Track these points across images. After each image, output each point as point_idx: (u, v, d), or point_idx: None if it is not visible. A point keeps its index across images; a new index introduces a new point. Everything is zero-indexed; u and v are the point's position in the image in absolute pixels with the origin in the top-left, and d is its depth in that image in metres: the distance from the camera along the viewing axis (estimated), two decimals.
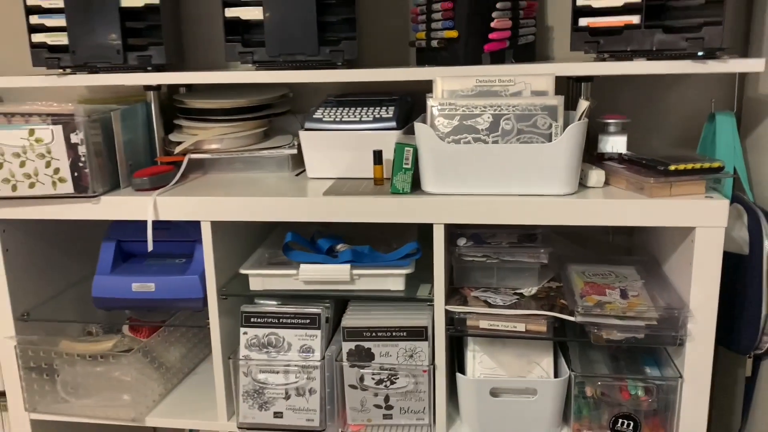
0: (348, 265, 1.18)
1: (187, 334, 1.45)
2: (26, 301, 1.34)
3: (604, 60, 1.19)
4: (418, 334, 1.19)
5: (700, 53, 1.11)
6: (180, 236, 1.30)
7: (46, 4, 1.27)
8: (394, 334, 1.19)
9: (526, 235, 1.23)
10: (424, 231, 1.22)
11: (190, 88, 1.50)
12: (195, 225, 1.22)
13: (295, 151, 1.37)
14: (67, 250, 1.46)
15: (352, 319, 1.21)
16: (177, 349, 1.42)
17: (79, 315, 1.44)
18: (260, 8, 1.23)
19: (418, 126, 1.14)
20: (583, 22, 1.18)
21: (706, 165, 1.09)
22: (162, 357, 1.37)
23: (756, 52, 1.32)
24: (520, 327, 1.15)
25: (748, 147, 1.34)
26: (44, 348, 1.30)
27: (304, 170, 1.35)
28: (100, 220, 1.23)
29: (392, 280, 1.19)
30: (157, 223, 1.22)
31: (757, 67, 1.11)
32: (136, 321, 1.44)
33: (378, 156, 1.23)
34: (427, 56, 1.38)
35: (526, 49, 1.37)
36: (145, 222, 1.22)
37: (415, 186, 1.17)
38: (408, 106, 1.38)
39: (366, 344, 1.20)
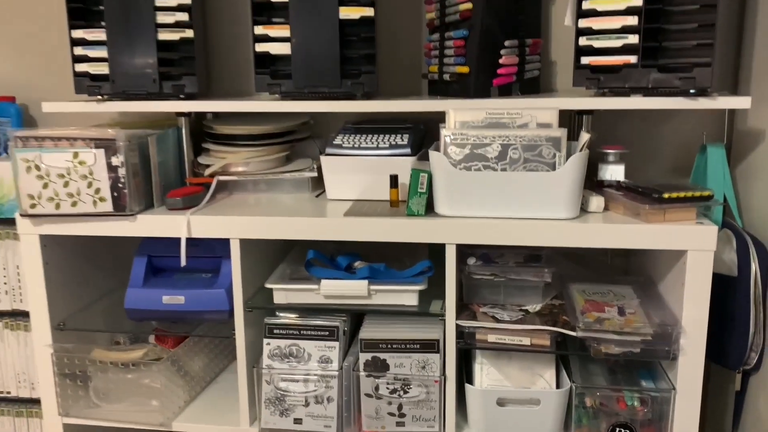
0: (366, 281, 1.27)
1: (209, 345, 1.54)
2: (62, 312, 1.42)
3: (604, 95, 1.29)
4: (431, 346, 1.28)
5: (691, 91, 1.21)
6: (207, 253, 1.39)
7: (90, 37, 1.37)
8: (407, 346, 1.28)
9: (532, 256, 1.32)
10: (434, 249, 1.32)
11: (216, 114, 1.60)
12: (221, 242, 1.32)
13: (315, 174, 1.46)
14: (97, 264, 1.55)
15: (369, 331, 1.30)
16: (200, 359, 1.51)
17: (107, 325, 1.52)
18: (288, 44, 1.33)
19: (432, 154, 1.24)
20: (585, 60, 1.28)
21: (697, 194, 1.18)
22: (187, 366, 1.45)
23: (744, 89, 1.42)
24: (526, 341, 1.24)
25: (738, 176, 1.44)
26: (79, 356, 1.39)
27: (323, 192, 1.45)
28: (130, 236, 1.32)
29: (407, 295, 1.28)
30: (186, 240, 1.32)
31: (744, 104, 1.21)
32: (162, 331, 1.53)
33: (394, 180, 1.33)
34: (439, 88, 1.48)
35: (532, 83, 1.47)
36: (173, 239, 1.32)
37: (429, 209, 1.26)
38: (421, 133, 1.48)
39: (381, 355, 1.29)
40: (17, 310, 1.67)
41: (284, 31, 1.33)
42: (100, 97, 1.41)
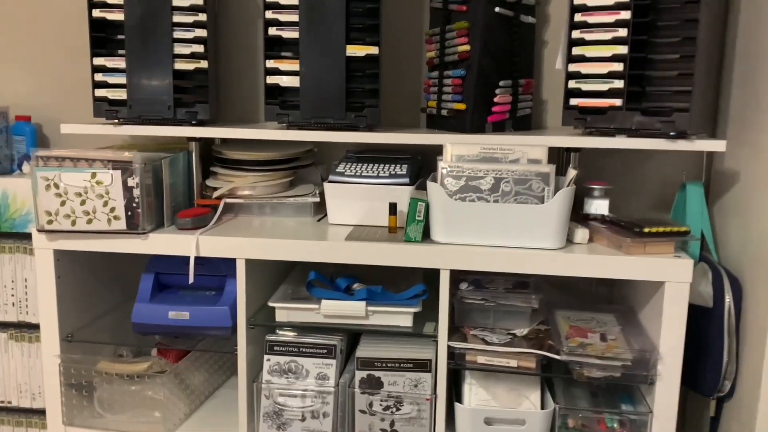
0: (364, 303, 1.35)
1: (210, 360, 1.60)
2: (71, 324, 1.48)
3: (590, 134, 1.39)
4: (423, 366, 1.35)
5: (671, 133, 1.31)
6: (212, 271, 1.46)
7: (110, 65, 1.46)
8: (401, 365, 1.35)
9: (520, 283, 1.40)
10: (428, 274, 1.40)
11: (224, 139, 1.68)
12: (226, 261, 1.39)
13: (317, 200, 1.54)
14: (104, 279, 1.62)
15: (365, 350, 1.37)
16: (201, 373, 1.57)
17: (111, 338, 1.58)
18: (297, 77, 1.42)
19: (430, 185, 1.32)
20: (574, 101, 1.38)
21: (675, 229, 1.27)
22: (189, 379, 1.52)
23: (722, 132, 1.52)
24: (513, 363, 1.32)
25: (715, 213, 1.53)
26: (86, 367, 1.45)
27: (325, 216, 1.53)
28: (137, 254, 1.39)
29: (402, 317, 1.36)
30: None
31: (719, 147, 1.31)
32: (164, 345, 1.59)
33: (393, 208, 1.41)
34: (437, 122, 1.57)
35: (524, 120, 1.57)
36: (180, 257, 1.39)
37: (425, 236, 1.34)
38: (419, 164, 1.57)
39: (376, 373, 1.36)
40: (23, 322, 1.73)
41: (294, 66, 1.42)
42: (116, 121, 1.49)
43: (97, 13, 1.44)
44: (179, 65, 1.46)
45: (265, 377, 1.40)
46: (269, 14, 1.41)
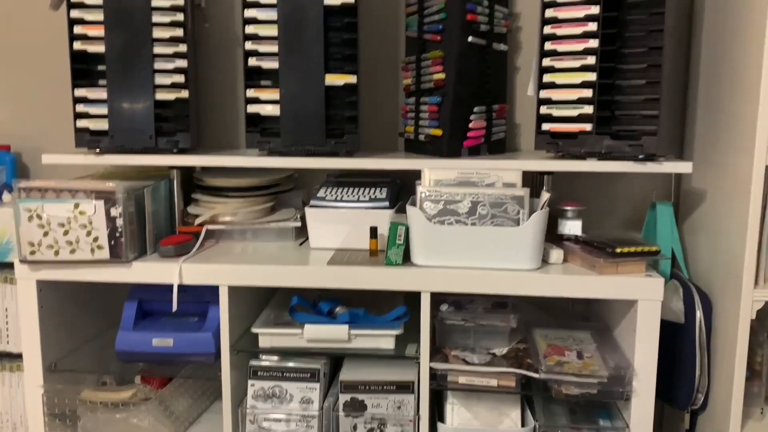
0: (346, 326, 1.37)
1: (194, 386, 1.60)
2: (54, 353, 1.49)
3: (562, 158, 1.43)
4: (406, 388, 1.37)
5: (640, 156, 1.36)
6: (195, 298, 1.46)
7: (91, 95, 1.48)
8: (385, 387, 1.37)
9: (499, 303, 1.44)
10: (408, 296, 1.43)
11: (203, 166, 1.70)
12: (209, 288, 1.40)
13: (299, 224, 1.57)
14: (87, 308, 1.62)
15: (348, 374, 1.39)
16: (185, 399, 1.57)
17: (94, 366, 1.58)
18: (277, 106, 1.45)
19: (410, 209, 1.35)
20: (546, 126, 1.43)
21: (646, 249, 1.32)
22: (173, 406, 1.52)
23: (688, 154, 1.58)
24: (493, 382, 1.35)
25: (685, 231, 1.59)
26: (69, 396, 1.45)
27: (306, 240, 1.55)
28: (119, 282, 1.40)
29: (384, 339, 1.38)
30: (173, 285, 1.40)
31: (686, 169, 1.37)
32: (148, 372, 1.59)
33: (374, 231, 1.44)
34: (415, 146, 1.61)
35: (498, 144, 1.61)
36: (162, 285, 1.40)
37: (406, 259, 1.38)
38: (398, 187, 1.60)
39: (360, 396, 1.38)
40: (3, 352, 1.71)
41: (274, 94, 1.45)
42: (98, 150, 1.50)
43: (78, 45, 1.46)
44: (160, 95, 1.48)
45: (249, 402, 1.41)
46: (249, 45, 1.44)
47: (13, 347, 1.71)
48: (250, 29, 1.43)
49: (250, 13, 1.43)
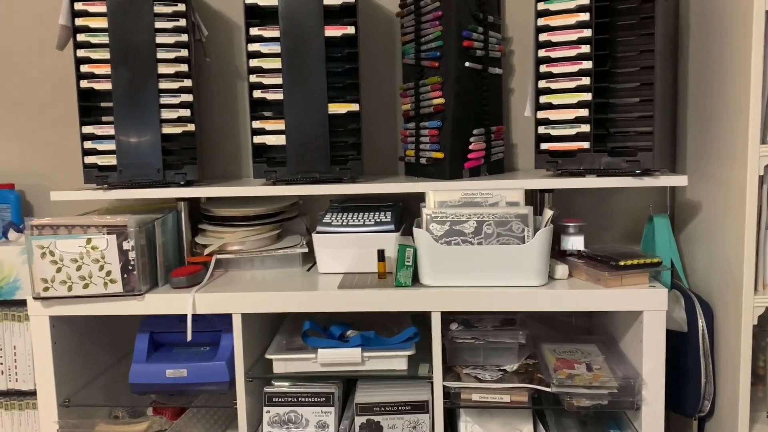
0: (359, 349, 1.39)
1: (206, 415, 1.61)
2: (67, 389, 1.49)
3: (561, 176, 1.48)
4: (420, 407, 1.39)
5: (637, 171, 1.40)
6: (206, 327, 1.48)
7: (99, 132, 1.50)
8: (399, 408, 1.39)
9: (507, 320, 1.47)
10: (415, 316, 1.45)
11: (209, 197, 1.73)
12: (220, 316, 1.42)
13: (306, 250, 1.60)
14: (98, 341, 1.63)
15: (363, 396, 1.41)
16: (199, 429, 1.57)
17: (106, 400, 1.59)
18: (282, 136, 1.49)
19: (417, 231, 1.39)
20: (545, 146, 1.47)
21: (648, 260, 1.36)
22: None
23: (681, 167, 1.64)
24: (506, 398, 1.37)
25: (682, 242, 1.63)
26: (85, 431, 1.45)
27: (313, 265, 1.58)
28: (130, 315, 1.42)
29: (397, 360, 1.40)
30: (183, 316, 1.42)
31: (682, 182, 1.41)
32: (160, 404, 1.60)
33: (381, 254, 1.47)
34: (416, 169, 1.65)
35: (497, 165, 1.66)
36: (172, 315, 1.42)
37: (414, 280, 1.40)
38: (401, 210, 1.63)
39: (376, 418, 1.39)
40: (12, 390, 1.72)
41: (278, 125, 1.49)
42: (106, 185, 1.52)
43: (85, 83, 1.49)
44: (167, 129, 1.51)
45: (265, 429, 1.42)
46: (253, 78, 1.48)
47: (22, 385, 1.71)
48: (254, 62, 1.47)
49: (253, 47, 1.47)
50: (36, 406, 1.70)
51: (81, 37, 1.48)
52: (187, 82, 1.51)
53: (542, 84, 1.45)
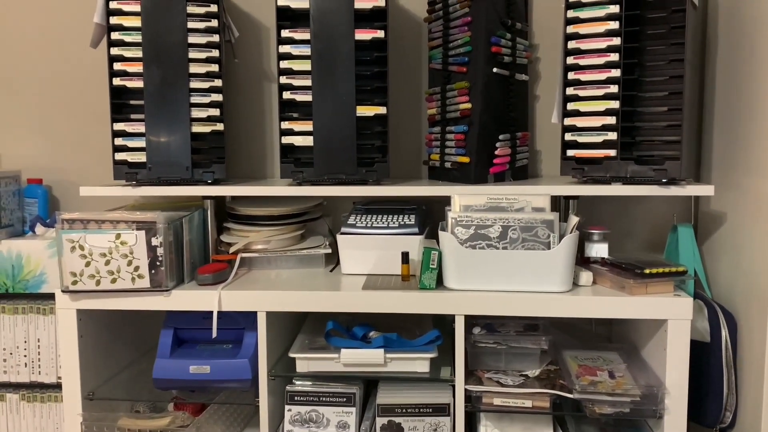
0: (382, 350, 1.40)
1: (227, 412, 1.62)
2: (92, 382, 1.51)
3: (588, 183, 1.48)
4: (442, 410, 1.40)
5: (663, 180, 1.41)
6: (229, 324, 1.49)
7: (129, 129, 1.52)
8: (421, 410, 1.40)
9: (530, 325, 1.47)
10: (436, 319, 1.45)
11: (235, 196, 1.74)
12: (243, 314, 1.44)
13: (329, 251, 1.61)
14: (122, 336, 1.65)
15: (385, 397, 1.42)
16: (219, 426, 1.59)
17: (127, 394, 1.61)
18: (309, 137, 1.50)
19: (442, 234, 1.39)
20: (571, 153, 1.48)
21: (674, 269, 1.36)
22: None
23: (706, 176, 1.63)
24: (528, 403, 1.37)
25: (705, 252, 1.63)
26: (108, 424, 1.47)
27: (336, 266, 1.59)
28: (153, 310, 1.43)
29: (419, 363, 1.41)
30: (207, 313, 1.43)
31: (709, 191, 1.41)
32: (181, 400, 1.61)
33: (405, 257, 1.48)
34: (440, 174, 1.66)
35: (522, 171, 1.66)
36: (196, 312, 1.43)
37: (439, 283, 1.41)
38: (424, 213, 1.64)
39: (397, 419, 1.40)
40: (35, 382, 1.74)
41: (306, 126, 1.50)
42: (135, 182, 1.54)
43: (117, 81, 1.51)
44: (196, 128, 1.53)
45: (287, 427, 1.43)
46: (283, 79, 1.49)
47: (44, 378, 1.73)
48: (284, 64, 1.49)
49: (284, 48, 1.48)
50: (58, 399, 1.72)
51: (115, 36, 1.50)
52: (218, 82, 1.53)
53: (570, 91, 1.46)
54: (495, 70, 1.53)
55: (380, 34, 1.48)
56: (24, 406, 1.75)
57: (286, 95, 1.50)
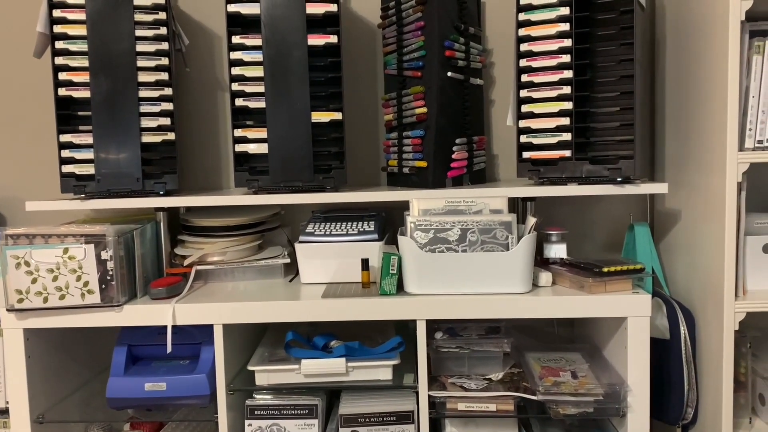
0: (343, 359, 1.37)
1: (186, 430, 1.57)
2: (41, 405, 1.44)
3: (543, 184, 1.48)
4: (406, 417, 1.37)
5: (618, 179, 1.42)
6: (186, 339, 1.45)
7: (77, 141, 1.47)
8: (385, 419, 1.37)
9: (492, 328, 1.46)
10: (398, 325, 1.43)
11: (188, 207, 1.70)
12: (200, 328, 1.39)
13: (288, 261, 1.58)
14: (74, 356, 1.58)
15: (348, 407, 1.39)
16: None
17: (81, 416, 1.54)
18: (264, 144, 1.47)
19: (401, 239, 1.38)
20: (527, 154, 1.48)
21: (631, 267, 1.36)
22: None
23: (659, 176, 1.66)
24: (492, 407, 1.36)
25: (662, 250, 1.65)
26: None
27: (295, 276, 1.56)
28: (106, 327, 1.38)
29: (382, 370, 1.38)
30: (162, 329, 1.39)
31: (662, 189, 1.43)
32: (137, 419, 1.56)
33: (365, 263, 1.46)
34: (399, 179, 1.65)
35: (479, 174, 1.66)
36: (151, 328, 1.39)
37: (399, 288, 1.39)
38: (383, 220, 1.62)
39: (360, 429, 1.37)
40: None
41: (260, 133, 1.47)
42: (83, 195, 1.49)
43: (63, 91, 1.46)
44: (147, 138, 1.49)
45: None
46: (235, 86, 1.47)
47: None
48: (236, 71, 1.46)
49: (236, 55, 1.46)
50: (7, 424, 1.64)
51: (59, 45, 1.46)
52: (168, 91, 1.49)
53: (524, 93, 1.46)
54: (449, 74, 1.53)
55: (333, 39, 1.47)
56: None
57: (239, 102, 1.47)
